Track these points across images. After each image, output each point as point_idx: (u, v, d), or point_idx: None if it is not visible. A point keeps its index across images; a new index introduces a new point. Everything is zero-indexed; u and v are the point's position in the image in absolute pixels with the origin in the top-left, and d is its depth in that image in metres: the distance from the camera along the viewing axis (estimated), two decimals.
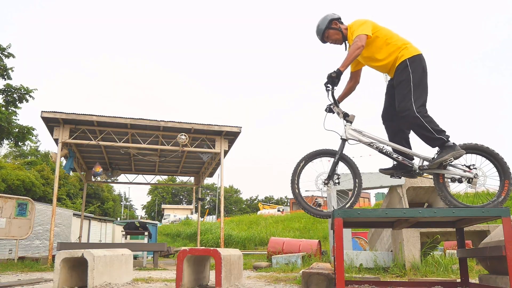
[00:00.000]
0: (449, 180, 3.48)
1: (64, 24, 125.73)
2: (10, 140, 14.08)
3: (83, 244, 13.72)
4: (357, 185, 3.61)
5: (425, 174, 3.59)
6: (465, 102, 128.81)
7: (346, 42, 3.82)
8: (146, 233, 13.56)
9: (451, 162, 3.39)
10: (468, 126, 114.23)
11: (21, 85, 13.87)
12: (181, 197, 74.66)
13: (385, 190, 10.71)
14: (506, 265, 2.81)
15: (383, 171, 3.75)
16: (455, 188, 3.63)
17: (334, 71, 3.48)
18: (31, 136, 14.31)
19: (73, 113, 10.92)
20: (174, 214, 47.42)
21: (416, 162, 3.59)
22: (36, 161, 36.64)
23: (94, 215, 22.89)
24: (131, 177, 17.45)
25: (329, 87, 3.60)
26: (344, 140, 3.63)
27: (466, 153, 3.45)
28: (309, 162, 3.71)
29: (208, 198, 70.03)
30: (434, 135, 3.36)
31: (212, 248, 4.04)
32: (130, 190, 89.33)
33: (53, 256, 9.57)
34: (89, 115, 11.13)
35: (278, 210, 45.55)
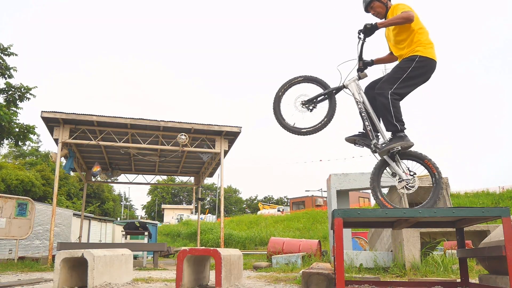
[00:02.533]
0: (389, 173, 3.70)
1: (64, 24, 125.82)
2: (10, 140, 14.08)
3: (83, 244, 13.72)
4: (322, 122, 3.83)
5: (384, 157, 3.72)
6: (466, 102, 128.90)
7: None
8: (146, 233, 13.57)
9: (398, 150, 3.57)
10: (469, 126, 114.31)
11: (20, 83, 13.88)
12: (181, 197, 74.67)
13: (385, 190, 10.69)
14: (506, 265, 2.81)
15: (347, 138, 3.95)
16: (453, 189, 3.66)
17: (371, 23, 3.63)
18: (32, 136, 14.30)
19: (73, 113, 10.92)
20: (187, 215, 47.79)
21: (381, 140, 3.76)
22: (36, 161, 36.65)
23: (94, 215, 22.89)
24: (131, 177, 17.47)
25: (360, 36, 3.74)
26: (343, 86, 3.89)
27: (411, 160, 3.66)
28: (304, 82, 3.96)
29: (208, 198, 70.05)
30: (392, 120, 3.59)
31: (212, 248, 4.04)
32: (130, 190, 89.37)
33: (53, 256, 9.57)
34: (89, 115, 11.13)
35: (278, 210, 45.55)
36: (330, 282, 4.08)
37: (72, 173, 21.10)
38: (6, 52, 13.72)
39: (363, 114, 3.80)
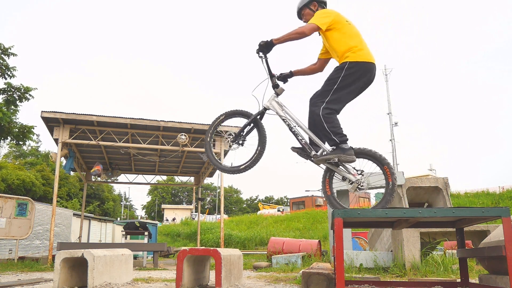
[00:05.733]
0: (339, 178, 3.65)
1: (64, 24, 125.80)
2: (10, 140, 14.09)
3: (83, 244, 13.71)
4: (257, 152, 3.79)
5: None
6: (466, 101, 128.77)
7: None
8: (146, 233, 13.56)
9: (335, 161, 3.52)
10: (470, 126, 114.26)
11: (21, 84, 13.89)
12: (181, 197, 74.64)
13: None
14: (506, 265, 2.81)
15: (293, 148, 3.88)
16: (453, 189, 3.65)
17: (266, 40, 3.58)
18: (31, 135, 14.30)
19: (73, 113, 10.92)
20: (206, 215, 48.01)
21: (321, 151, 3.67)
22: (36, 161, 36.66)
23: (94, 215, 22.89)
24: (131, 177, 17.46)
25: (260, 55, 3.69)
26: (264, 109, 3.84)
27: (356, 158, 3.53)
28: (228, 119, 4.03)
29: (208, 198, 70.04)
30: (330, 136, 3.48)
31: (212, 248, 4.04)
32: (130, 190, 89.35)
33: (53, 256, 9.57)
34: (89, 115, 11.13)
35: (278, 210, 45.54)
36: (330, 282, 4.08)
37: (72, 173, 21.10)
38: (7, 53, 13.73)
39: (293, 130, 3.70)
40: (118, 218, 42.91)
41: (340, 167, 3.57)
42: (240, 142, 3.90)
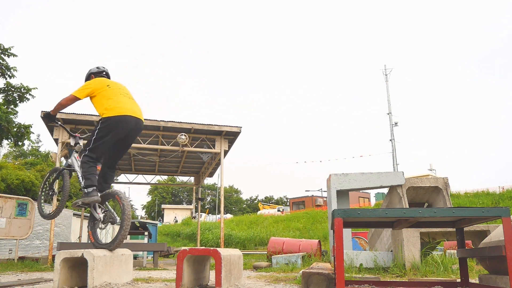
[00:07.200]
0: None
1: (64, 24, 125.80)
2: (9, 140, 14.07)
3: (83, 244, 13.69)
4: (60, 201, 4.49)
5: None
6: (466, 101, 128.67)
7: None
8: (146, 233, 13.56)
9: (83, 205, 4.24)
10: (469, 126, 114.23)
11: (21, 83, 13.86)
12: (181, 197, 74.62)
13: (385, 190, 10.71)
14: (506, 265, 2.81)
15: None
16: (453, 189, 3.65)
17: (48, 112, 4.46)
18: (30, 135, 14.27)
19: (73, 113, 10.93)
20: (206, 214, 48.19)
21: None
22: (36, 161, 36.65)
23: None
24: (131, 177, 17.47)
25: (51, 123, 4.61)
26: (68, 165, 4.57)
27: (108, 199, 4.34)
28: (52, 174, 4.79)
29: (208, 198, 70.02)
30: (81, 179, 4.28)
31: (212, 248, 4.04)
32: (130, 190, 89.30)
33: (53, 256, 9.57)
34: (89, 115, 11.14)
35: (278, 210, 45.53)
36: (330, 282, 4.08)
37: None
38: (7, 53, 13.71)
39: (81, 183, 4.31)
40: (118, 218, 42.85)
41: (92, 208, 4.33)
42: (50, 193, 4.73)
